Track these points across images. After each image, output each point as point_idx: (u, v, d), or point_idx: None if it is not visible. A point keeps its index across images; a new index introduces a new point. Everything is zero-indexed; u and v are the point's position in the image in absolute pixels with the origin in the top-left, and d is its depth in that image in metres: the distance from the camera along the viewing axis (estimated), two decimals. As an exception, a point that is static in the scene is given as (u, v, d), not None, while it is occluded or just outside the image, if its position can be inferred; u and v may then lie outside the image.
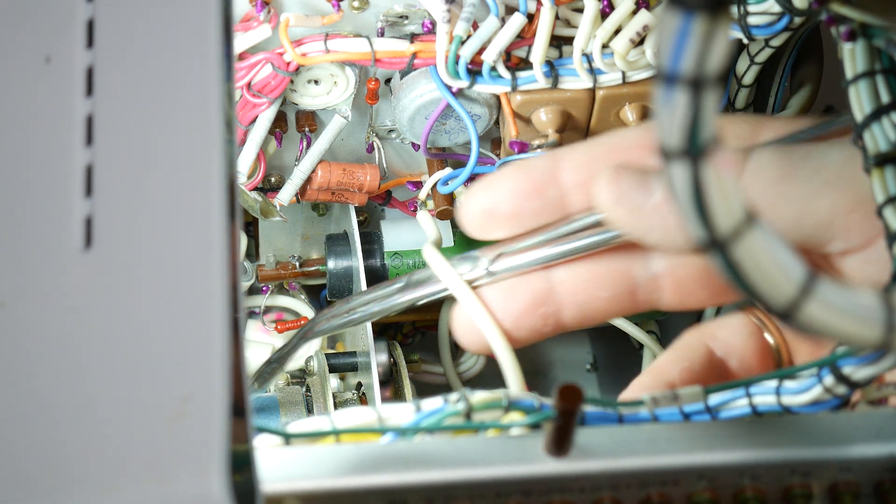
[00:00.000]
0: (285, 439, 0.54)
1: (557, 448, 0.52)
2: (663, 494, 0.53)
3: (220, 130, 0.49)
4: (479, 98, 0.71)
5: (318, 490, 0.51)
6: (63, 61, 0.51)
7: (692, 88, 0.40)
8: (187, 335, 0.46)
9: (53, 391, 0.45)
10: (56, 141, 0.50)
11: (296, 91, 0.73)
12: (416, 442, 0.54)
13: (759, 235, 0.43)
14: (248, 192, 0.75)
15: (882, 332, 0.45)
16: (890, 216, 0.56)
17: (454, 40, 0.69)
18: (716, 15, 0.39)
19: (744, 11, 0.66)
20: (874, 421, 0.54)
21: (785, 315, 0.44)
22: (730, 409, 0.55)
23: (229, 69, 0.51)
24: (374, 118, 0.76)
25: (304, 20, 0.70)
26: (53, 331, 0.46)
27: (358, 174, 0.76)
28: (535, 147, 0.71)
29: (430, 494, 0.52)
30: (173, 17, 0.51)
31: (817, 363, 0.53)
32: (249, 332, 0.82)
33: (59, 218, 0.48)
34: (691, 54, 0.39)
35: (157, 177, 0.49)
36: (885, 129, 0.57)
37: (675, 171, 0.41)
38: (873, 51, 0.57)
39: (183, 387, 0.45)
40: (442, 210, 0.76)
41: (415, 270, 0.71)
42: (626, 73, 0.70)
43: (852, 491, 0.54)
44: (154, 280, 0.47)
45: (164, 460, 0.44)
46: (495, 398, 0.54)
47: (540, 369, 0.91)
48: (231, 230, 0.48)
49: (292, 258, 0.82)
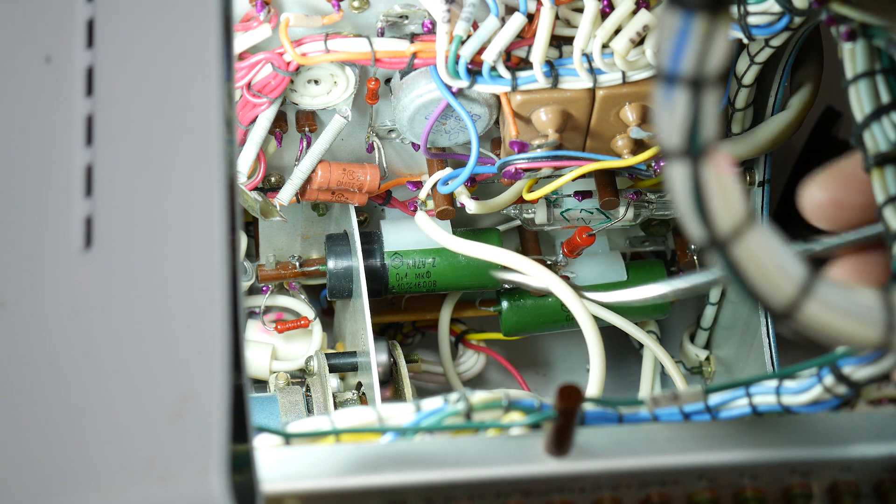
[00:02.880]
0: (285, 439, 0.54)
1: (557, 448, 0.52)
2: (663, 494, 0.53)
3: (220, 130, 0.49)
4: (479, 98, 0.71)
5: (318, 490, 0.51)
6: (63, 61, 0.51)
7: (692, 88, 0.40)
8: (187, 335, 0.46)
9: (53, 391, 0.45)
10: (56, 141, 0.50)
11: (296, 91, 0.73)
12: (416, 442, 0.54)
13: (759, 235, 0.43)
14: (248, 192, 0.75)
15: (882, 332, 0.45)
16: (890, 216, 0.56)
17: (454, 40, 0.69)
18: (716, 15, 0.39)
19: (744, 11, 0.66)
20: (874, 421, 0.54)
21: (785, 315, 0.44)
22: (730, 409, 0.55)
23: (229, 69, 0.51)
24: (374, 118, 0.76)
25: (304, 20, 0.70)
26: (53, 331, 0.46)
27: (358, 174, 0.76)
28: (535, 147, 0.71)
29: (430, 494, 0.52)
30: (173, 17, 0.51)
31: (817, 363, 0.53)
32: (249, 332, 0.82)
33: (59, 218, 0.48)
34: (691, 54, 0.39)
35: (157, 177, 0.49)
36: (885, 129, 0.57)
37: (675, 171, 0.41)
38: (873, 51, 0.57)
39: (183, 387, 0.45)
40: (442, 210, 0.76)
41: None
42: (626, 73, 0.70)
43: (852, 491, 0.54)
44: (154, 280, 0.47)
45: (164, 460, 0.44)
46: (495, 398, 0.54)
47: (540, 369, 0.91)
48: (231, 230, 0.48)
49: (292, 258, 0.82)
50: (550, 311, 0.82)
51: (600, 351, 0.76)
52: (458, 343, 0.87)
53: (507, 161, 0.72)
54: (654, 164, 0.74)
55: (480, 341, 0.87)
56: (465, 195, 0.76)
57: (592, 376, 0.75)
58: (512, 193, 0.77)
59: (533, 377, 0.90)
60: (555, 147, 0.72)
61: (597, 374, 0.76)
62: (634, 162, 0.72)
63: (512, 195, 0.77)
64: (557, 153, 0.72)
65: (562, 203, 0.78)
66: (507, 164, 0.72)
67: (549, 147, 0.71)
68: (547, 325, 0.82)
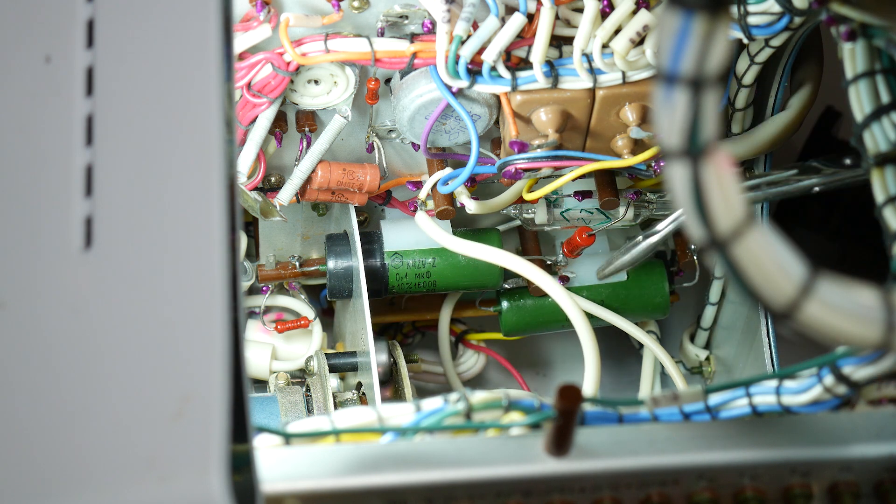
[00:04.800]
0: (285, 439, 0.54)
1: (557, 448, 0.52)
2: (663, 494, 0.53)
3: (220, 130, 0.49)
4: (479, 98, 0.71)
5: (318, 490, 0.51)
6: (63, 61, 0.51)
7: (692, 88, 0.40)
8: (187, 335, 0.46)
9: (53, 391, 0.45)
10: (56, 141, 0.50)
11: (296, 91, 0.73)
12: (416, 442, 0.54)
13: (759, 235, 0.43)
14: (248, 192, 0.75)
15: (882, 332, 0.45)
16: (890, 216, 0.56)
17: (454, 40, 0.69)
18: (716, 15, 0.39)
19: (744, 11, 0.66)
20: (874, 421, 0.54)
21: (785, 315, 0.44)
22: (730, 409, 0.55)
23: (229, 69, 0.51)
24: (374, 118, 0.76)
25: (304, 20, 0.70)
26: (53, 331, 0.46)
27: (358, 174, 0.76)
28: (535, 147, 0.71)
29: (430, 494, 0.52)
30: (173, 17, 0.51)
31: (817, 363, 0.53)
32: (249, 332, 0.82)
33: (59, 218, 0.48)
34: (691, 54, 0.39)
35: (157, 177, 0.49)
36: (885, 129, 0.57)
37: (675, 171, 0.41)
38: (873, 51, 0.57)
39: (183, 387, 0.45)
40: (442, 210, 0.76)
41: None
42: (626, 73, 0.70)
43: (852, 491, 0.54)
44: (154, 280, 0.47)
45: (164, 460, 0.44)
46: (495, 398, 0.54)
47: (540, 369, 0.91)
48: (231, 230, 0.48)
49: (292, 258, 0.82)
50: (550, 311, 0.82)
51: (594, 347, 0.76)
52: (458, 343, 0.87)
53: (507, 161, 0.72)
54: (654, 164, 0.74)
55: (480, 341, 0.87)
56: (465, 195, 0.76)
57: (588, 374, 0.75)
58: (512, 193, 0.77)
59: (533, 377, 0.90)
60: (555, 147, 0.72)
61: (592, 373, 0.75)
62: (634, 162, 0.72)
63: (512, 195, 0.77)
64: (557, 153, 0.72)
65: (562, 203, 0.78)
66: (507, 164, 0.72)
67: (549, 147, 0.71)
68: (547, 325, 0.82)
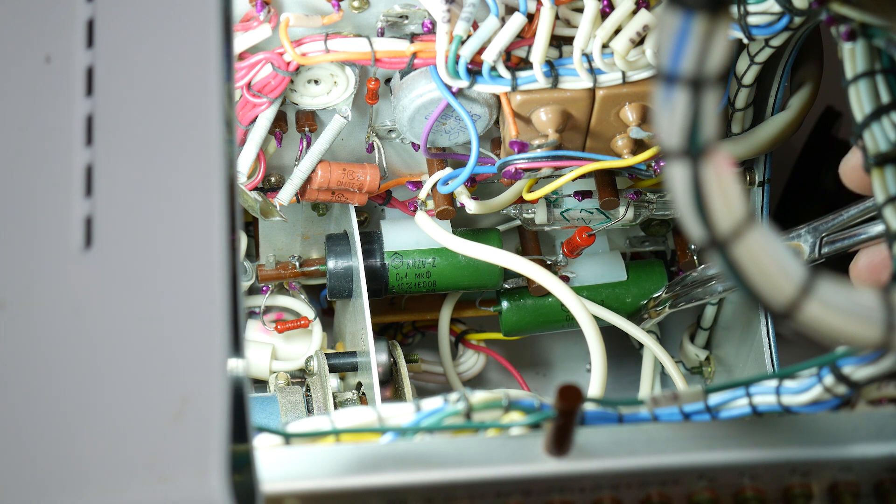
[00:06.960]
0: (285, 439, 0.54)
1: (557, 448, 0.52)
2: (663, 494, 0.53)
3: (219, 130, 0.49)
4: (479, 98, 0.71)
5: (318, 490, 0.51)
6: (63, 61, 0.51)
7: (692, 88, 0.40)
8: (187, 335, 0.46)
9: (53, 391, 0.45)
10: (56, 141, 0.50)
11: (296, 91, 0.73)
12: (416, 442, 0.54)
13: (759, 235, 0.43)
14: (248, 192, 0.75)
15: (882, 332, 0.45)
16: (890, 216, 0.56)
17: (454, 40, 0.69)
18: (716, 15, 0.39)
19: (744, 11, 0.66)
20: (874, 421, 0.54)
21: (785, 315, 0.44)
22: (730, 408, 0.55)
23: (229, 69, 0.51)
24: (374, 118, 0.76)
25: (304, 20, 0.70)
26: (53, 331, 0.46)
27: (358, 174, 0.76)
28: (535, 147, 0.71)
29: (430, 494, 0.52)
30: (173, 17, 0.51)
31: (817, 363, 0.53)
32: (249, 332, 0.82)
33: (59, 218, 0.48)
34: (691, 54, 0.39)
35: (157, 177, 0.49)
36: (885, 128, 0.57)
37: (675, 171, 0.41)
38: (873, 51, 0.57)
39: (183, 387, 0.45)
40: (442, 210, 0.76)
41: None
42: (626, 73, 0.70)
43: (852, 491, 0.54)
44: (154, 280, 0.47)
45: (164, 460, 0.44)
46: (495, 398, 0.54)
47: (540, 369, 0.91)
48: (231, 230, 0.48)
49: (292, 258, 0.82)
50: (550, 311, 0.82)
51: (601, 351, 0.76)
52: (458, 343, 0.87)
53: (507, 161, 0.72)
54: (654, 164, 0.74)
55: (480, 341, 0.87)
56: (465, 195, 0.76)
57: (594, 376, 0.76)
58: (512, 193, 0.77)
59: (533, 377, 0.90)
60: (555, 147, 0.72)
61: (598, 374, 0.76)
62: (634, 162, 0.72)
63: (512, 195, 0.77)
64: (557, 153, 0.72)
65: (562, 203, 0.78)
66: (507, 164, 0.72)
67: (549, 147, 0.71)
68: (547, 325, 0.82)
